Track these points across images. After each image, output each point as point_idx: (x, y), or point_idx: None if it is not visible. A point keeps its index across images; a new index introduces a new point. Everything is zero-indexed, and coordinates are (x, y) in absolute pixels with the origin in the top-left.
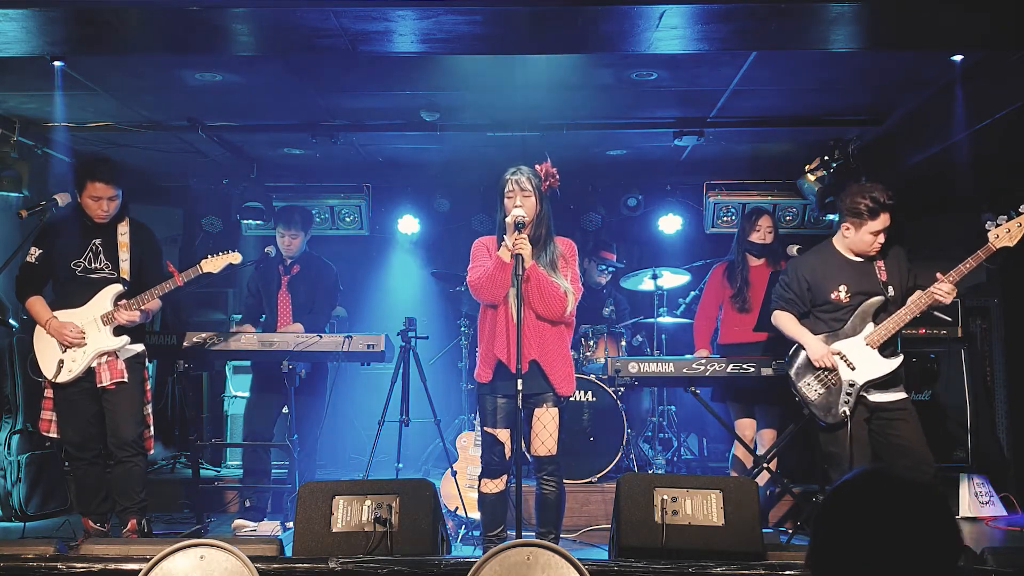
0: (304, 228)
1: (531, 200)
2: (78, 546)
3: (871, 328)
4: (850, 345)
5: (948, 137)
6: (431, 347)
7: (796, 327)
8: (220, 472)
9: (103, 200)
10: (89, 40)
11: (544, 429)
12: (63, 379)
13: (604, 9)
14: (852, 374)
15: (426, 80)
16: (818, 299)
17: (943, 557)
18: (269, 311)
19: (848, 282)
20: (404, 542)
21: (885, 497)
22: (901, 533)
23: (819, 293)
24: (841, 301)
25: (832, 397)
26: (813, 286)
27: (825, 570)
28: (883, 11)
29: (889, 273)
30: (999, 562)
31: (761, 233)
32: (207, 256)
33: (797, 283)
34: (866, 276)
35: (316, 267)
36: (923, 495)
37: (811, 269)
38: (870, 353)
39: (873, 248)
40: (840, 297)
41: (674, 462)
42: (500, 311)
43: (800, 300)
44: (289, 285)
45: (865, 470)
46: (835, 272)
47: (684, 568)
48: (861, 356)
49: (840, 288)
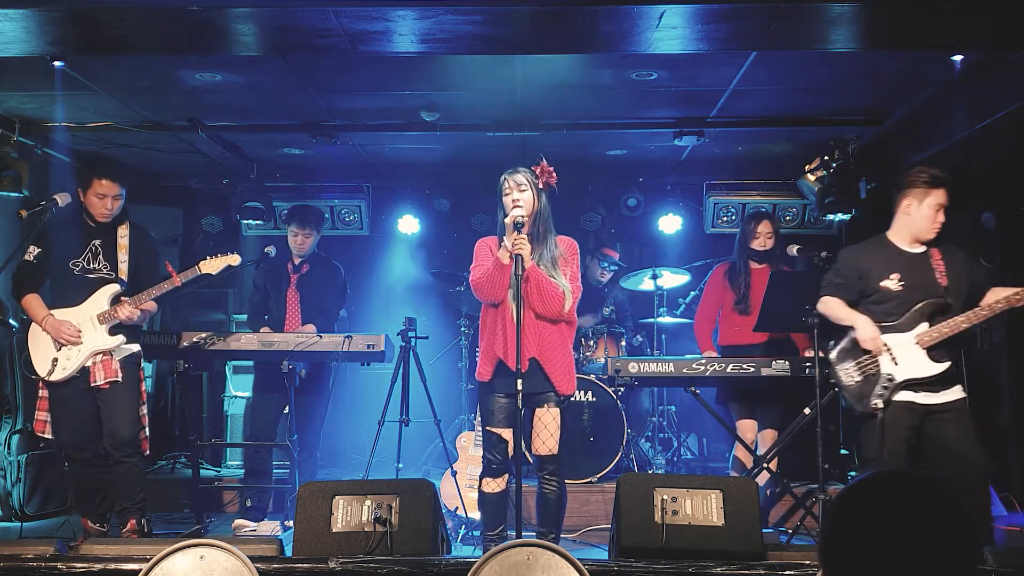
0: (317, 227)
1: (528, 194)
2: (78, 546)
3: (924, 328)
4: (899, 340)
5: (948, 137)
6: (431, 347)
7: (846, 310)
8: (220, 472)
9: (108, 198)
10: (89, 40)
11: (545, 429)
12: (57, 377)
13: (604, 9)
14: (893, 369)
15: (426, 80)
16: (869, 287)
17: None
18: (276, 309)
19: (901, 272)
20: (404, 542)
21: (896, 497)
22: (912, 534)
23: (871, 281)
24: (891, 290)
25: (867, 387)
26: (865, 273)
27: (836, 566)
28: (883, 11)
29: (949, 273)
30: (999, 562)
31: (761, 240)
32: (206, 257)
33: (849, 269)
34: (921, 270)
35: (326, 268)
36: (935, 497)
37: (865, 256)
38: (917, 352)
39: (934, 227)
40: (891, 286)
41: (674, 462)
42: (501, 310)
43: (850, 287)
44: (299, 284)
45: (879, 470)
46: (888, 261)
47: (684, 568)
48: (907, 353)
49: (892, 276)
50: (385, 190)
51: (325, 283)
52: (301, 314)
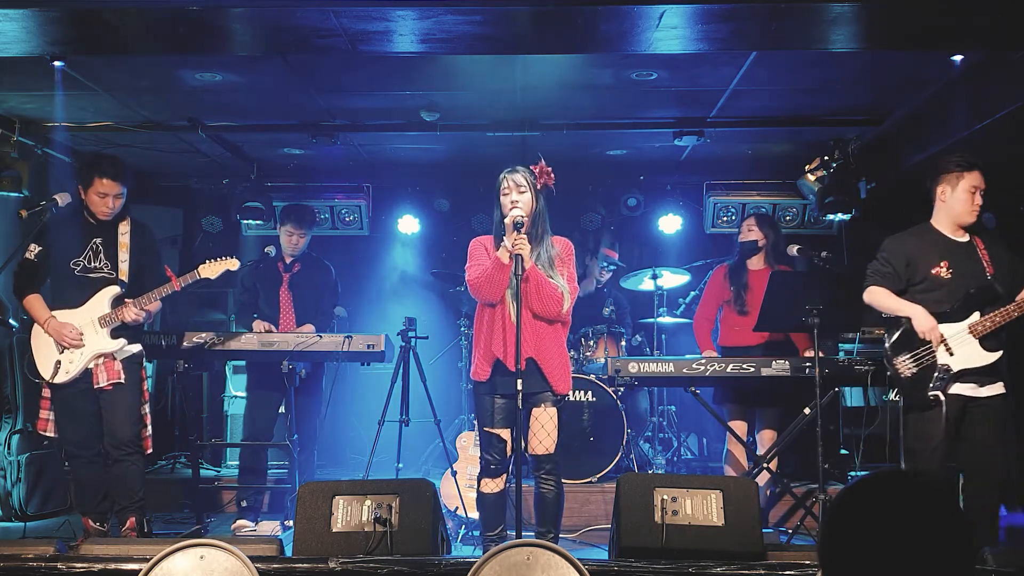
0: (311, 227)
1: (527, 195)
2: (78, 546)
3: (976, 317)
4: (953, 330)
5: (948, 137)
6: (431, 347)
7: (898, 300)
8: (220, 472)
9: (109, 197)
10: (89, 40)
11: (542, 429)
12: (60, 380)
13: (604, 9)
14: (949, 359)
15: (426, 80)
16: (917, 275)
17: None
18: (269, 308)
19: (949, 259)
20: (404, 542)
21: (896, 497)
22: (911, 534)
23: (919, 269)
24: (942, 277)
25: (924, 379)
26: (912, 261)
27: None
28: (883, 11)
29: (994, 263)
30: (999, 562)
31: (743, 233)
32: (205, 261)
33: (896, 257)
34: (968, 258)
35: (317, 267)
36: (935, 497)
37: (912, 244)
38: (971, 341)
39: (972, 211)
40: (941, 273)
41: (674, 462)
42: (498, 310)
43: (898, 276)
44: (291, 284)
45: (881, 470)
46: (937, 249)
47: (684, 568)
48: (962, 343)
49: (941, 264)
50: (385, 190)
51: (317, 283)
52: (295, 314)
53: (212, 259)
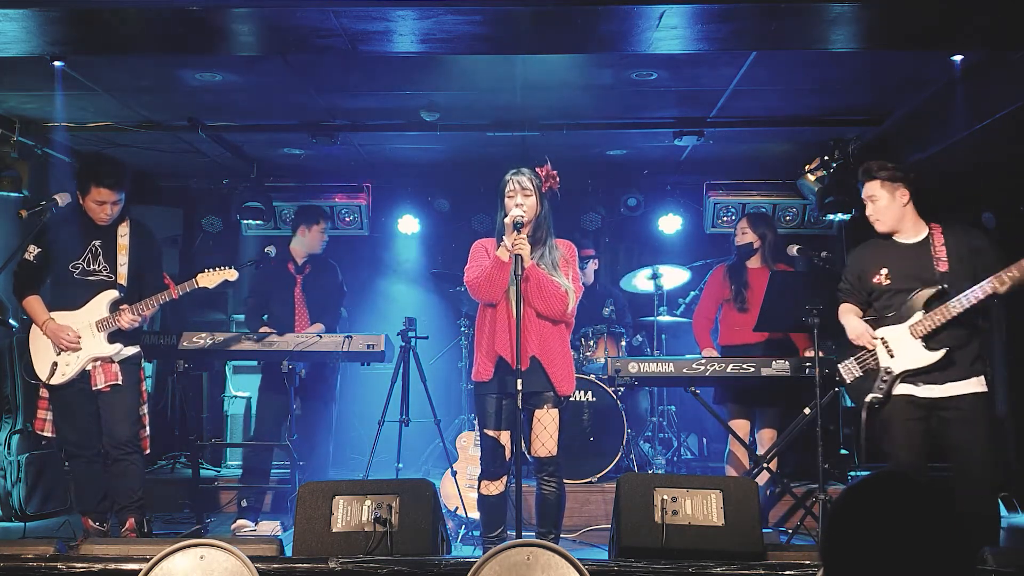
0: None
1: (532, 199)
2: (78, 546)
3: (919, 317)
4: (894, 332)
5: (948, 137)
6: (431, 347)
7: (841, 314)
8: (220, 472)
9: (107, 204)
10: (89, 40)
11: (544, 430)
12: (57, 381)
13: (604, 9)
14: (890, 361)
15: (426, 80)
16: (865, 286)
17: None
18: (283, 310)
19: (889, 265)
20: (404, 542)
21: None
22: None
23: (865, 280)
24: (882, 284)
25: (867, 383)
26: (862, 274)
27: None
28: (883, 11)
29: (950, 258)
30: (999, 562)
31: (737, 237)
32: (204, 270)
33: (851, 272)
34: (914, 260)
35: (326, 267)
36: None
37: (859, 256)
38: (913, 342)
39: (874, 221)
40: (880, 281)
41: (674, 462)
42: (500, 309)
43: (855, 289)
44: (304, 285)
45: (882, 471)
46: (878, 256)
47: (684, 568)
48: (903, 344)
49: (881, 271)
50: (385, 190)
51: (326, 282)
52: (309, 314)
53: (210, 268)
